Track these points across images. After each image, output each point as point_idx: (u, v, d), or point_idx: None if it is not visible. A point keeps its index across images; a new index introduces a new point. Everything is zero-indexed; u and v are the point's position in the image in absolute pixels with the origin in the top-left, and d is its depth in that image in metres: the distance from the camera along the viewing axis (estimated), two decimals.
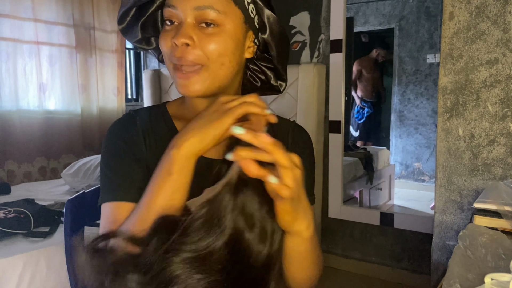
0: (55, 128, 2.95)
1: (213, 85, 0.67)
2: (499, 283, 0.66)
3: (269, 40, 0.73)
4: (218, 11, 0.64)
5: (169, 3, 0.65)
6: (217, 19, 0.64)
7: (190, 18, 0.64)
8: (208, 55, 0.64)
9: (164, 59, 0.70)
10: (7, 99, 2.68)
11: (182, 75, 0.65)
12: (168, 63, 0.68)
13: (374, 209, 2.91)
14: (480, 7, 1.34)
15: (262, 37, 0.73)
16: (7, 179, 2.68)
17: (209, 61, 0.65)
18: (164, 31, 0.67)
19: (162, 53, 0.70)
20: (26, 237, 1.56)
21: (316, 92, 2.51)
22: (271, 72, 0.79)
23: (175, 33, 0.64)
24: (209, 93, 0.68)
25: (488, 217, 1.00)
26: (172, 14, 0.65)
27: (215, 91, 0.68)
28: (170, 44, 0.65)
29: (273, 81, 0.80)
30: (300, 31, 2.66)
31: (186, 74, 0.65)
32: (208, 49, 0.64)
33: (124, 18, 0.72)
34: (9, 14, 2.64)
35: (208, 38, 0.64)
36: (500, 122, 1.34)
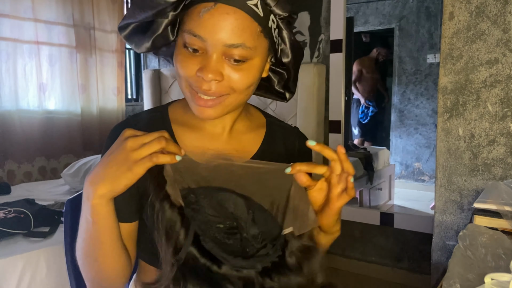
0: (55, 128, 2.94)
1: (233, 109, 0.68)
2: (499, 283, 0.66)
3: (289, 65, 0.73)
4: (250, 48, 0.61)
5: (195, 32, 0.60)
6: (248, 55, 0.62)
7: (219, 53, 0.61)
8: (235, 87, 0.63)
9: (178, 78, 0.67)
10: (7, 99, 2.68)
11: (204, 102, 0.63)
12: (185, 85, 0.65)
13: (374, 209, 2.91)
14: (480, 7, 1.34)
15: (284, 61, 0.72)
16: (7, 179, 2.68)
17: (236, 92, 0.64)
18: (184, 55, 0.63)
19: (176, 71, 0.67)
20: (26, 237, 1.56)
21: (316, 92, 2.51)
22: (275, 75, 0.77)
23: (200, 63, 0.61)
24: (226, 114, 0.69)
25: (488, 217, 1.00)
26: (198, 44, 0.61)
27: (227, 114, 0.69)
28: (194, 74, 0.62)
29: (278, 87, 0.77)
30: (300, 31, 2.66)
31: (206, 102, 0.63)
32: (236, 83, 0.63)
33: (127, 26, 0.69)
34: (9, 14, 2.64)
35: (237, 73, 0.62)
36: (500, 122, 1.34)
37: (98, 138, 3.18)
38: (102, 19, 3.19)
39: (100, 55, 3.19)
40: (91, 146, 3.15)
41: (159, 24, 0.66)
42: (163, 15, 0.64)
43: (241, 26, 0.60)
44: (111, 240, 0.62)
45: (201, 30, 0.60)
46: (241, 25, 0.60)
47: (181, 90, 0.67)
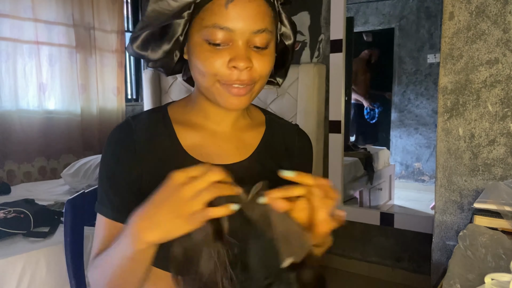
0: (55, 128, 2.94)
1: (253, 99, 0.70)
2: (499, 283, 0.66)
3: (290, 46, 0.75)
4: (271, 31, 0.66)
5: (222, 25, 0.61)
6: (269, 40, 0.65)
7: (245, 42, 0.63)
8: (262, 73, 0.66)
9: (200, 77, 0.67)
10: (7, 99, 2.68)
11: (237, 91, 0.65)
12: (212, 83, 0.65)
13: (374, 209, 2.91)
14: (480, 7, 1.34)
15: (288, 43, 0.74)
16: (6, 179, 2.68)
17: (262, 78, 0.67)
18: (209, 51, 0.63)
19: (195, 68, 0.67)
20: (26, 237, 1.56)
21: (316, 92, 2.51)
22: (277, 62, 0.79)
23: (229, 55, 0.63)
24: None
25: (488, 217, 1.00)
26: (224, 36, 0.62)
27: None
28: (224, 65, 0.63)
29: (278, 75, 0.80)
30: (300, 31, 2.66)
31: (239, 90, 0.65)
32: (263, 69, 0.65)
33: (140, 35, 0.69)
34: (9, 14, 2.64)
35: (262, 59, 0.65)
36: (500, 122, 1.34)
37: (98, 138, 3.18)
38: (102, 19, 3.19)
39: (100, 55, 3.19)
40: (91, 146, 3.15)
41: (177, 26, 0.66)
42: (179, 16, 0.65)
43: (262, 11, 0.63)
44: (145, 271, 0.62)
45: (228, 21, 0.61)
46: (262, 11, 0.63)
47: (205, 88, 0.67)
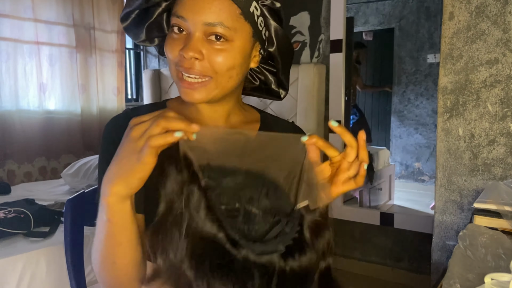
0: (55, 128, 2.95)
1: (219, 95, 0.69)
2: (499, 283, 0.66)
3: (275, 54, 0.75)
4: (228, 27, 0.64)
5: (178, 14, 0.65)
6: (227, 35, 0.65)
7: (200, 32, 0.64)
8: (217, 69, 0.65)
9: (168, 63, 0.70)
10: (7, 99, 2.69)
11: (188, 85, 0.66)
12: (173, 69, 0.68)
13: (374, 209, 2.91)
14: (480, 7, 1.34)
15: (269, 50, 0.74)
16: (7, 179, 2.68)
17: (217, 74, 0.66)
18: (171, 38, 0.67)
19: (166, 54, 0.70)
20: (26, 237, 1.56)
21: (316, 92, 2.51)
22: (272, 76, 0.79)
23: (183, 43, 0.65)
24: (214, 101, 0.70)
25: (488, 217, 1.00)
26: (181, 24, 0.65)
27: (220, 99, 0.70)
28: (178, 54, 0.65)
29: (274, 86, 0.80)
30: (300, 31, 2.66)
31: (192, 84, 0.66)
32: (217, 63, 0.65)
33: (127, 17, 0.72)
34: (9, 14, 2.64)
35: (217, 53, 0.65)
36: (500, 122, 1.34)
37: (98, 138, 3.18)
38: (102, 19, 3.19)
39: (100, 55, 3.19)
40: (91, 146, 3.15)
41: (152, 12, 0.71)
42: (155, 3, 0.69)
43: (218, 6, 0.64)
44: (129, 240, 0.60)
45: (183, 11, 0.64)
46: (219, 5, 0.64)
47: (172, 76, 0.70)
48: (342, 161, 0.60)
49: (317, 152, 0.58)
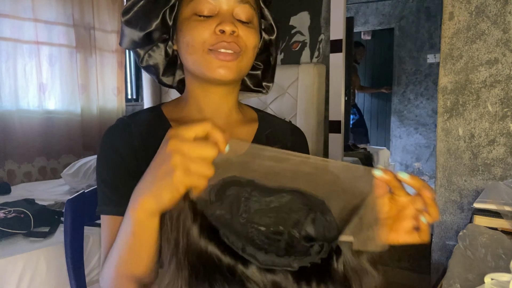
0: (55, 128, 2.95)
1: (241, 73, 0.71)
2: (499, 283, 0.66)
3: (274, 41, 0.78)
4: (253, 8, 0.70)
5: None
6: (251, 15, 0.70)
7: (231, 10, 0.68)
8: (248, 44, 0.69)
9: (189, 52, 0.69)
10: (7, 99, 2.68)
11: (224, 56, 0.67)
12: (202, 53, 0.67)
13: None
14: (480, 7, 1.34)
15: (270, 38, 0.78)
16: (7, 179, 2.68)
17: (247, 49, 0.69)
18: (197, 21, 0.68)
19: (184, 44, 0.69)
20: (26, 237, 1.56)
21: (316, 92, 2.51)
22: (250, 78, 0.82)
23: (216, 21, 0.67)
24: (235, 80, 0.72)
25: (488, 217, 1.00)
26: (210, 7, 0.67)
27: (238, 79, 0.73)
28: (212, 31, 0.66)
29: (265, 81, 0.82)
30: (300, 31, 2.66)
31: (226, 55, 0.67)
32: (249, 40, 0.69)
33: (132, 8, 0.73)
34: (9, 14, 2.64)
35: (247, 30, 0.69)
36: (500, 122, 1.35)
37: (98, 138, 3.18)
38: (102, 19, 3.19)
39: (100, 55, 3.19)
40: (91, 146, 3.15)
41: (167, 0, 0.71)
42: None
43: None
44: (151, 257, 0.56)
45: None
46: None
47: (194, 63, 0.69)
48: (408, 205, 0.53)
49: (385, 189, 0.53)
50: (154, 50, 0.77)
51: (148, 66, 0.78)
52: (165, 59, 0.78)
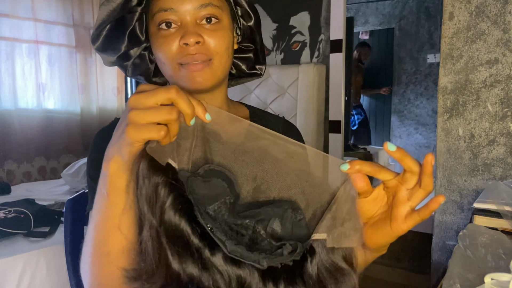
0: (55, 128, 2.94)
1: (219, 77, 0.70)
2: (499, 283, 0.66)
3: (253, 27, 0.76)
4: (217, 6, 0.67)
5: (166, 7, 0.65)
6: (217, 14, 0.67)
7: (192, 18, 0.65)
8: (217, 49, 0.67)
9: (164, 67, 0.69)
10: (7, 99, 2.68)
11: (195, 67, 0.66)
12: (173, 68, 0.67)
13: None
14: (480, 7, 1.34)
15: (249, 25, 0.76)
16: (6, 179, 2.68)
17: (218, 54, 0.67)
18: (161, 36, 0.66)
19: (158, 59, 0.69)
20: (26, 237, 1.56)
21: (316, 92, 2.51)
22: (244, 62, 0.81)
23: (180, 35, 0.65)
24: (215, 85, 0.70)
25: (488, 217, 1.00)
26: (170, 17, 0.65)
27: (216, 85, 0.71)
28: (177, 46, 0.65)
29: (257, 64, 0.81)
30: (300, 31, 2.66)
31: (196, 65, 0.66)
32: (216, 44, 0.66)
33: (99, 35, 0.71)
34: (9, 14, 2.64)
35: (214, 34, 0.66)
36: (500, 122, 1.35)
37: None
38: None
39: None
40: None
41: (130, 20, 0.70)
42: (129, 10, 0.69)
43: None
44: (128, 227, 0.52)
45: (171, 3, 0.65)
46: None
47: (170, 77, 0.69)
48: (399, 187, 0.48)
49: (365, 181, 0.48)
50: (138, 61, 0.76)
51: (135, 76, 0.78)
52: (151, 65, 0.77)
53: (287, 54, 2.71)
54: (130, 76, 0.78)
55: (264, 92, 2.65)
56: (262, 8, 2.73)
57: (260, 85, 2.65)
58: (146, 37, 0.73)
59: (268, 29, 2.74)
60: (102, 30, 0.71)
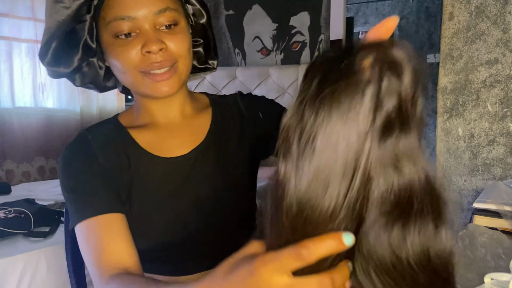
0: (54, 127, 2.94)
1: (183, 80, 0.69)
2: (499, 283, 0.66)
3: (205, 24, 0.75)
4: (174, 9, 0.66)
5: (123, 15, 0.62)
6: (175, 17, 0.66)
7: (151, 24, 0.63)
8: (180, 52, 0.66)
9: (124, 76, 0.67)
10: (5, 99, 2.68)
11: (160, 77, 0.64)
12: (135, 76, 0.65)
13: None
14: (480, 7, 1.35)
15: (201, 23, 0.75)
16: (5, 179, 2.68)
17: (182, 58, 0.66)
18: (120, 45, 0.64)
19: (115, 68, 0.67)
20: (26, 237, 1.56)
21: None
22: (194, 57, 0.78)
23: (140, 42, 0.63)
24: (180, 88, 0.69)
25: (488, 217, 1.00)
26: (129, 26, 0.63)
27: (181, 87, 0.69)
28: (139, 54, 0.63)
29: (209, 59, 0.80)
30: (300, 31, 2.66)
31: (163, 75, 0.64)
32: (179, 48, 0.65)
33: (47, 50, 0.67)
34: (8, 13, 2.64)
35: (174, 38, 0.65)
36: (499, 122, 1.35)
37: None
38: None
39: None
40: None
41: (81, 30, 0.67)
42: (79, 20, 0.66)
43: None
44: None
45: (127, 10, 0.62)
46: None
47: (131, 85, 0.68)
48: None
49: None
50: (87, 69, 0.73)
51: (85, 85, 0.75)
52: (101, 71, 0.74)
53: (287, 54, 2.71)
54: (79, 85, 0.74)
55: (264, 92, 2.66)
56: (262, 8, 2.73)
57: (260, 85, 2.65)
58: (96, 45, 0.70)
59: (268, 29, 2.74)
60: (51, 44, 0.67)
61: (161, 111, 0.73)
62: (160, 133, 0.74)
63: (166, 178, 0.70)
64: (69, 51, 0.68)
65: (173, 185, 0.71)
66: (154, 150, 0.72)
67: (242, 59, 2.86)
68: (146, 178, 0.70)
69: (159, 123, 0.74)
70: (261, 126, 0.77)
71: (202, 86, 2.82)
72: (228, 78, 2.74)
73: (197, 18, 0.74)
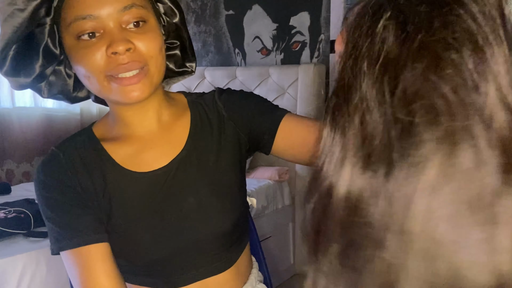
0: (54, 127, 2.94)
1: (156, 84, 0.64)
2: None
3: (179, 24, 0.70)
4: (142, 6, 0.61)
5: (82, 14, 0.58)
6: (143, 15, 0.61)
7: (117, 23, 0.59)
8: (151, 53, 0.61)
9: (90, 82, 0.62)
10: (5, 99, 2.68)
11: (128, 81, 0.60)
12: (101, 80, 0.60)
13: None
14: None
15: (174, 22, 0.69)
16: (5, 179, 2.68)
17: (153, 59, 0.62)
18: (84, 47, 0.59)
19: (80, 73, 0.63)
20: (26, 237, 1.56)
21: (316, 92, 2.51)
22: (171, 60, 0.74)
23: (105, 43, 0.58)
24: (153, 92, 0.64)
25: None
26: (91, 25, 0.58)
27: (153, 91, 0.65)
28: (104, 56, 0.59)
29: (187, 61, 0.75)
30: (300, 31, 2.66)
31: (132, 78, 0.60)
32: (149, 48, 0.61)
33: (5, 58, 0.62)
34: None
35: (143, 37, 0.60)
36: None
37: None
38: None
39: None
40: None
41: (40, 34, 0.63)
42: (37, 24, 0.62)
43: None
44: None
45: (88, 8, 0.58)
46: None
47: (98, 91, 0.63)
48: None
49: None
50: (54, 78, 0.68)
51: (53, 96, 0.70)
52: (69, 80, 0.69)
53: (287, 54, 2.71)
54: (46, 97, 0.69)
55: (264, 92, 2.65)
56: (262, 8, 2.73)
57: (260, 85, 2.65)
58: (60, 50, 0.65)
59: (268, 29, 2.74)
60: (9, 51, 0.61)
61: (136, 119, 0.68)
62: (137, 145, 0.69)
63: (147, 194, 0.67)
64: (29, 58, 0.63)
65: (155, 200, 0.68)
66: (131, 165, 0.68)
67: (242, 59, 2.86)
68: (125, 196, 0.67)
69: (134, 134, 0.69)
70: (241, 123, 0.73)
71: (202, 86, 2.82)
72: (228, 78, 2.74)
73: (169, 18, 0.69)
